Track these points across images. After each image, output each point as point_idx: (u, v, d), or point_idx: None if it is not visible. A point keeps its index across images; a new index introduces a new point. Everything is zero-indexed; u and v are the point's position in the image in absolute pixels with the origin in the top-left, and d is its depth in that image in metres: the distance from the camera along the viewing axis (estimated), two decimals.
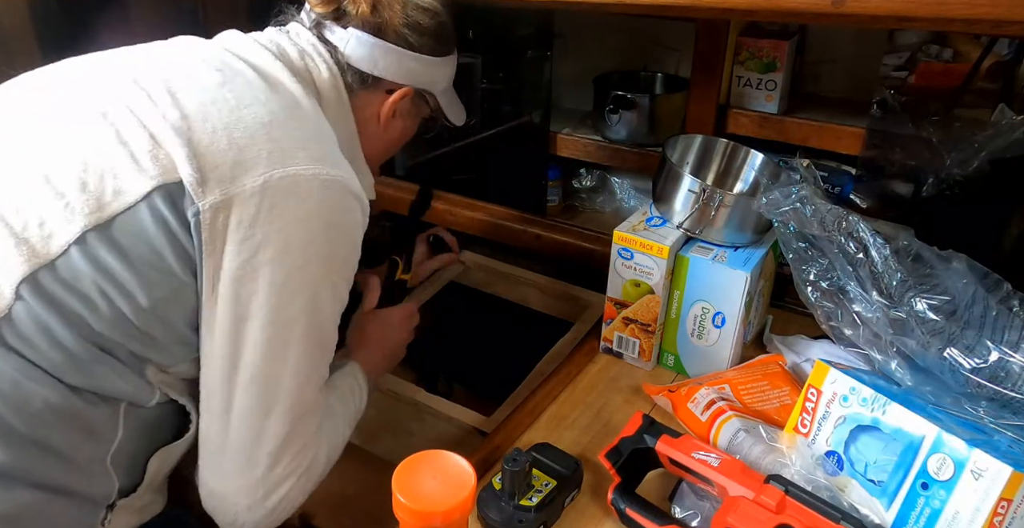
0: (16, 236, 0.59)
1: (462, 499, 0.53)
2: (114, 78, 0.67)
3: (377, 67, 0.77)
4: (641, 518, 0.71)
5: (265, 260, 0.63)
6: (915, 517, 0.65)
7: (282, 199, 0.63)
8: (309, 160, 0.65)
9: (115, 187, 0.60)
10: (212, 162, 0.61)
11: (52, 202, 0.59)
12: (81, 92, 0.66)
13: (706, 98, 1.07)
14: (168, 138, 0.61)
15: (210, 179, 0.61)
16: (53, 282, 0.59)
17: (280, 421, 0.67)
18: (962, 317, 0.77)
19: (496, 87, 1.23)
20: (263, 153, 0.63)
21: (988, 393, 0.73)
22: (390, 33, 0.77)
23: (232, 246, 0.62)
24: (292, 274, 0.64)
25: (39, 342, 0.59)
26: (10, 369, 0.58)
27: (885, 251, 0.78)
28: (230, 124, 0.63)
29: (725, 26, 1.01)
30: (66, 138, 0.63)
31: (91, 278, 0.59)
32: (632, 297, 0.94)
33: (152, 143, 0.61)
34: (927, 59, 0.97)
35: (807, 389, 0.75)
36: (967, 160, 0.90)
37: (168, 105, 0.63)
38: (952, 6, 0.58)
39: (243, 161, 0.62)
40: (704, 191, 0.88)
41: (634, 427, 0.76)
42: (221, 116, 0.63)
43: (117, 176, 0.60)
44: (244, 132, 0.63)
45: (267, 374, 0.65)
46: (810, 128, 1.02)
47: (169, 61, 0.69)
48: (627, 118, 1.13)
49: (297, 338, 0.66)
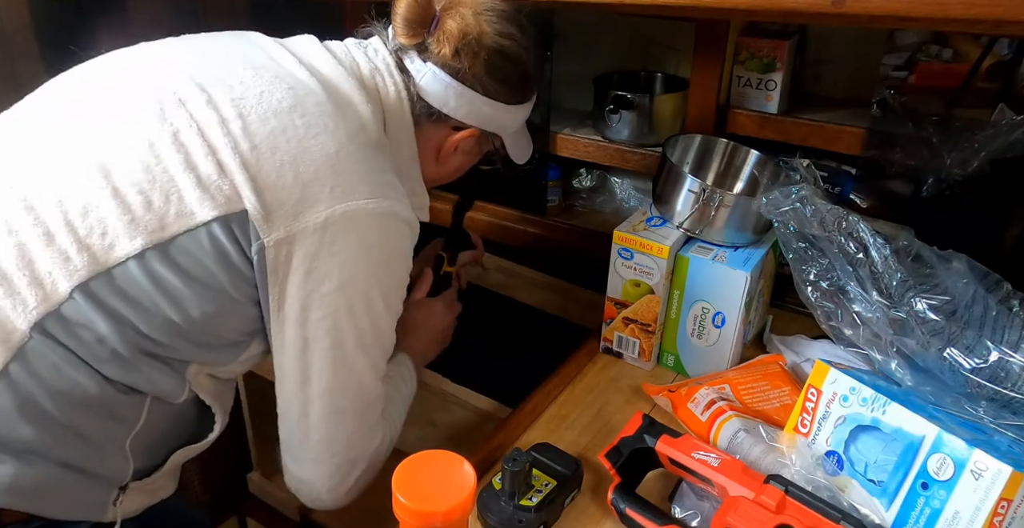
0: (80, 241, 0.61)
1: (462, 499, 0.53)
2: (183, 83, 0.66)
3: (447, 106, 0.78)
4: (641, 518, 0.71)
5: (329, 290, 0.67)
6: (915, 517, 0.65)
7: (343, 234, 0.65)
8: (369, 194, 0.67)
9: (179, 210, 0.62)
10: (278, 198, 0.63)
11: (118, 215, 0.61)
12: (148, 92, 0.66)
13: (706, 98, 1.07)
14: (235, 170, 0.63)
15: (275, 215, 0.63)
16: (107, 289, 0.61)
17: (351, 418, 0.74)
18: (962, 317, 0.77)
19: None
20: (326, 188, 0.65)
21: (988, 393, 0.73)
22: (467, 77, 0.77)
23: (296, 278, 0.65)
24: (355, 301, 0.68)
25: (87, 338, 0.61)
26: (54, 356, 0.61)
27: (885, 251, 0.78)
28: (297, 157, 0.64)
29: (725, 26, 1.01)
30: (135, 146, 0.63)
31: (145, 289, 0.62)
32: (632, 297, 0.94)
33: (219, 172, 0.63)
34: (927, 59, 0.97)
35: (807, 389, 0.75)
36: (967, 160, 0.90)
37: (239, 133, 0.64)
38: (952, 6, 0.58)
39: (307, 198, 0.64)
40: (704, 191, 0.88)
41: (634, 427, 0.76)
42: (290, 147, 0.64)
43: (182, 199, 0.62)
44: (310, 166, 0.64)
45: (337, 384, 0.71)
46: (810, 128, 1.02)
47: (242, 72, 0.68)
48: (627, 118, 1.13)
49: (362, 351, 0.72)
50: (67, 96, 0.70)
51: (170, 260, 0.62)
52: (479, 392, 1.05)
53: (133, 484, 0.69)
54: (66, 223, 0.61)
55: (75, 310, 0.60)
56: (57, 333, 0.60)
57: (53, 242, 0.60)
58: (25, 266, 0.60)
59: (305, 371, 0.70)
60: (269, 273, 0.65)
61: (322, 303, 0.67)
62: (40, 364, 0.60)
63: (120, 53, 0.73)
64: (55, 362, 0.61)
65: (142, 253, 0.61)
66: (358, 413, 0.75)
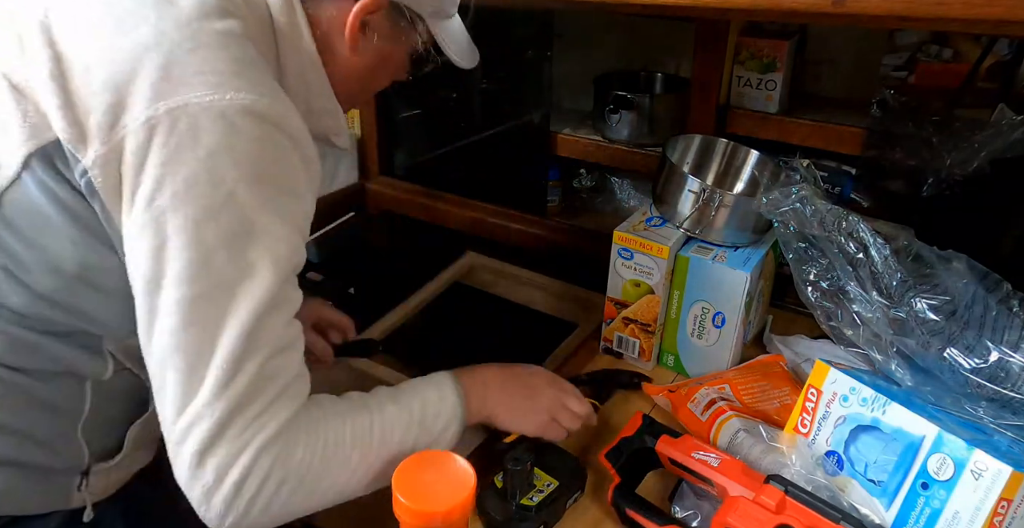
0: None
1: (462, 499, 0.53)
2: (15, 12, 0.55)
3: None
4: (641, 518, 0.71)
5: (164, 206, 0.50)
6: (915, 517, 0.65)
7: (174, 134, 0.50)
8: (205, 85, 0.51)
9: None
10: (87, 109, 0.50)
11: None
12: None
13: (706, 98, 1.07)
14: (38, 88, 0.51)
15: (88, 130, 0.50)
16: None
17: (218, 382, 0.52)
18: (962, 317, 0.77)
19: (496, 87, 1.23)
20: (146, 84, 0.50)
21: (988, 393, 0.73)
22: None
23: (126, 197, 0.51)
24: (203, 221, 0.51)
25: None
26: None
27: (885, 251, 0.78)
28: (106, 58, 0.51)
29: (725, 26, 1.02)
30: None
31: None
32: (632, 297, 0.94)
33: (19, 99, 0.52)
34: (927, 59, 0.97)
35: (807, 389, 0.75)
36: (967, 160, 0.91)
37: (40, 45, 0.52)
38: (951, 6, 0.58)
39: (122, 101, 0.50)
40: (704, 191, 0.88)
41: (634, 427, 0.76)
42: (99, 47, 0.51)
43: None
44: (123, 65, 0.51)
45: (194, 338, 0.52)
46: (810, 128, 1.02)
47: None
48: (627, 118, 1.14)
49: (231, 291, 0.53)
50: None
51: (5, 221, 0.53)
52: None
53: (97, 466, 0.64)
54: None
55: None
56: None
57: None
58: None
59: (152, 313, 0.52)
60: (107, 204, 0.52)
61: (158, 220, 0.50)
62: None
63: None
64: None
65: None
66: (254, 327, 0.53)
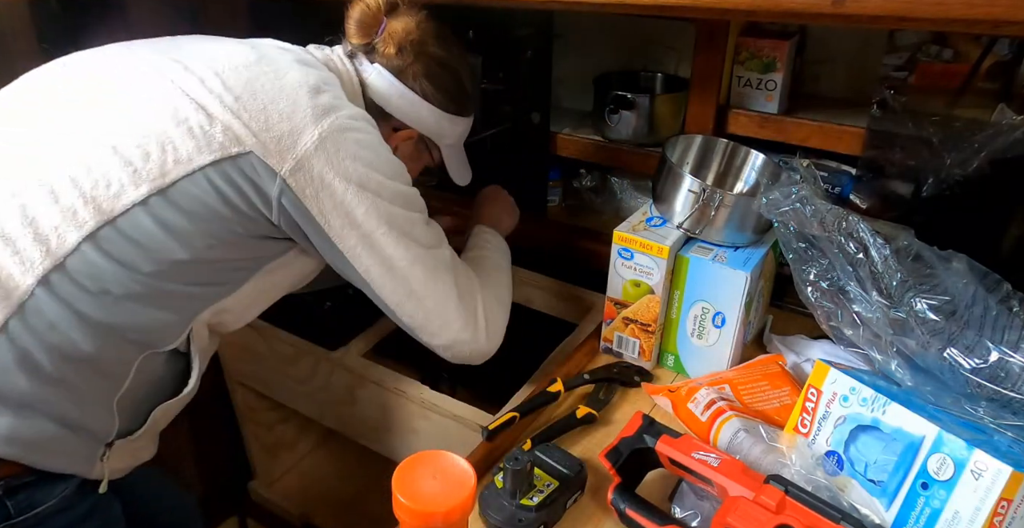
0: (85, 195, 0.65)
1: (462, 499, 0.53)
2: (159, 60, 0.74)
3: (390, 104, 0.87)
4: (641, 518, 0.71)
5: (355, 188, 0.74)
6: (915, 517, 0.65)
7: (336, 143, 0.73)
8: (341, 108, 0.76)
9: (175, 158, 0.68)
10: (273, 136, 0.71)
11: (121, 167, 0.67)
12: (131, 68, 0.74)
13: (706, 98, 1.07)
14: (229, 120, 0.70)
15: (278, 150, 0.71)
16: (115, 236, 0.66)
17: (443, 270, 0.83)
18: (962, 317, 0.77)
19: (496, 87, 1.23)
20: (306, 115, 0.73)
21: (988, 393, 0.73)
22: (409, 78, 0.87)
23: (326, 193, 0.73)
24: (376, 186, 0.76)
25: (92, 289, 0.65)
26: (52, 314, 0.64)
27: (885, 251, 0.78)
28: (275, 97, 0.72)
29: (725, 26, 1.01)
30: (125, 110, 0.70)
31: (151, 232, 0.67)
32: (632, 297, 0.94)
33: (209, 122, 0.70)
34: (927, 59, 0.97)
35: (807, 389, 0.75)
36: (967, 160, 0.91)
37: (220, 88, 0.71)
38: (951, 6, 0.58)
39: (295, 127, 0.72)
40: (704, 191, 0.88)
41: (634, 427, 0.76)
42: (266, 90, 0.73)
43: (177, 149, 0.68)
44: (288, 100, 0.72)
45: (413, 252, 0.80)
46: (810, 128, 1.02)
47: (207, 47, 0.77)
48: (627, 118, 1.13)
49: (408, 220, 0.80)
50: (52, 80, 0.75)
51: (173, 203, 0.68)
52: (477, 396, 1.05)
53: (118, 442, 0.73)
54: (71, 180, 0.65)
55: (81, 261, 0.64)
56: (61, 287, 0.64)
57: (59, 200, 0.65)
58: (28, 224, 0.64)
59: (385, 261, 0.78)
60: (303, 200, 0.72)
61: (358, 199, 0.75)
62: (38, 321, 0.63)
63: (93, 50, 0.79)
64: (52, 320, 0.64)
65: (146, 199, 0.67)
66: (445, 263, 0.84)
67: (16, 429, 0.63)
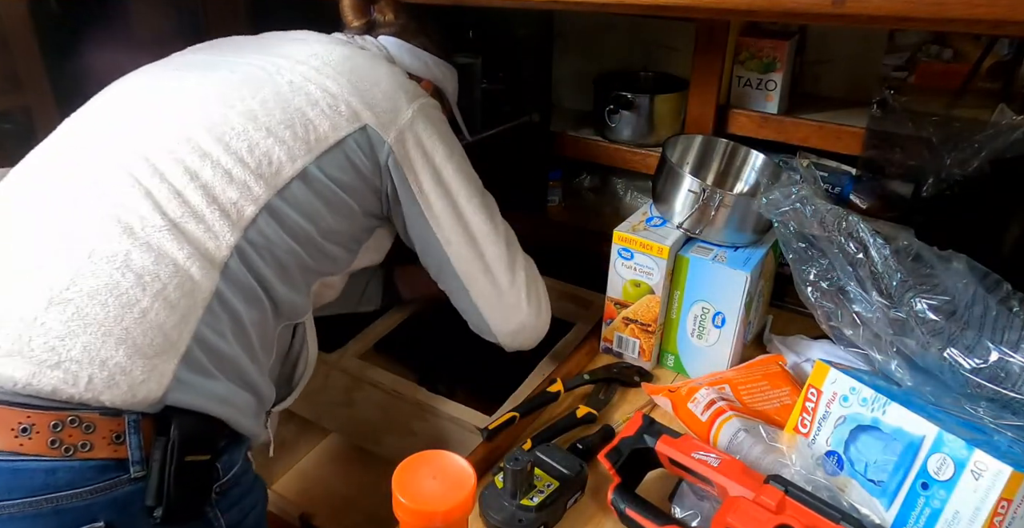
0: (253, 172, 0.72)
1: (462, 499, 0.53)
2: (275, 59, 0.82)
3: (404, 62, 0.93)
4: (641, 518, 0.71)
5: (443, 155, 0.84)
6: (915, 517, 0.65)
7: (424, 120, 0.83)
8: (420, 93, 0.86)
9: (317, 135, 0.76)
10: (381, 110, 0.80)
11: (276, 145, 0.74)
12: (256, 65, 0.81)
13: (706, 98, 1.07)
14: (349, 98, 0.79)
15: (384, 122, 0.80)
16: (284, 205, 0.73)
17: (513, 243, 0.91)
18: (962, 317, 0.77)
19: (496, 87, 1.23)
20: (402, 95, 0.83)
21: (988, 393, 0.73)
22: (411, 35, 0.94)
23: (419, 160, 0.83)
24: (456, 154, 0.86)
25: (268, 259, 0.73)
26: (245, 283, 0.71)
27: (885, 251, 0.78)
28: (376, 81, 0.82)
29: (725, 26, 1.01)
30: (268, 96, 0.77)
31: (308, 200, 0.75)
32: (632, 297, 0.94)
33: (335, 103, 0.78)
34: (927, 59, 0.97)
35: (807, 389, 0.75)
36: (967, 160, 0.90)
37: (334, 74, 0.80)
38: (951, 6, 0.58)
39: (395, 106, 0.82)
40: (704, 191, 0.88)
41: (634, 427, 0.76)
42: (367, 75, 0.82)
43: (317, 128, 0.76)
44: (385, 84, 0.82)
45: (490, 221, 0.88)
46: (810, 128, 1.02)
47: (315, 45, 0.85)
48: (627, 118, 1.13)
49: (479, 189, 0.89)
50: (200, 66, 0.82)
51: (323, 172, 0.76)
52: (475, 396, 1.05)
53: (273, 409, 0.80)
54: (239, 160, 0.72)
55: (258, 233, 0.71)
56: (249, 256, 0.71)
57: (233, 179, 0.71)
58: (213, 201, 0.69)
59: (467, 229, 0.86)
60: (403, 165, 0.82)
61: (446, 165, 0.84)
62: (237, 291, 0.70)
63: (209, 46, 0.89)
64: (246, 289, 0.71)
65: (303, 171, 0.75)
66: (513, 238, 0.92)
67: (229, 392, 0.68)
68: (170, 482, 0.61)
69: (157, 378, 0.62)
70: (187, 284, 0.65)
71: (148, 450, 0.62)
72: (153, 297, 0.63)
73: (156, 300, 0.63)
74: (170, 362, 0.63)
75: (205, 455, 0.65)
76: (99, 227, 0.65)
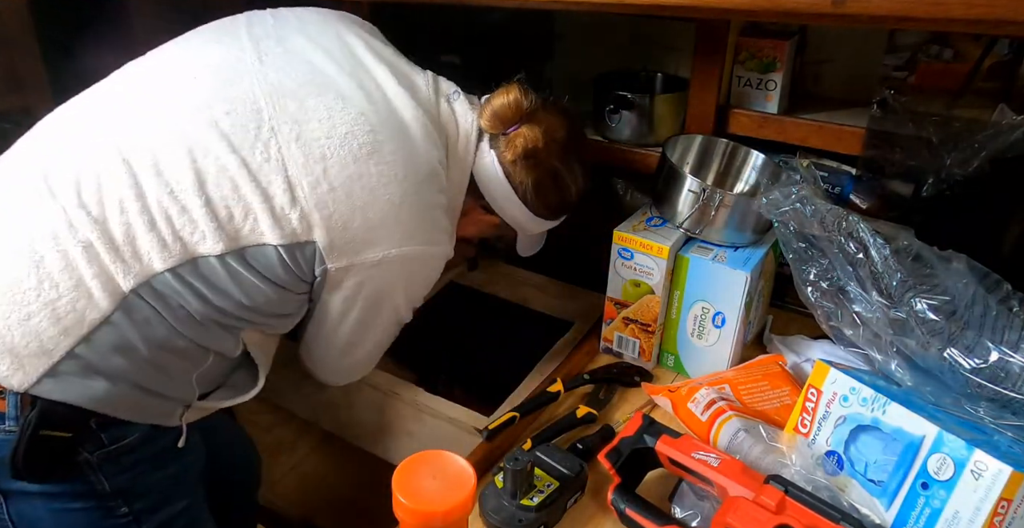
0: (175, 233, 0.70)
1: (462, 499, 0.53)
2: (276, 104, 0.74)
3: (487, 191, 0.89)
4: (641, 518, 0.71)
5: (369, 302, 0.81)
6: (915, 517, 0.65)
7: (392, 269, 0.78)
8: (422, 240, 0.79)
9: (252, 228, 0.72)
10: (345, 238, 0.74)
11: (207, 220, 0.70)
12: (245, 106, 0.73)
13: (706, 98, 1.07)
14: (311, 209, 0.72)
15: (340, 249, 0.74)
16: (193, 273, 0.71)
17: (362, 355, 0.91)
18: (962, 317, 0.77)
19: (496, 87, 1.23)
20: (388, 234, 0.75)
21: (988, 393, 0.73)
22: (516, 179, 0.88)
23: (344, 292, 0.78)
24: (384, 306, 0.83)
25: (172, 305, 0.71)
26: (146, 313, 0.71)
27: (885, 251, 0.78)
28: (368, 203, 0.74)
29: (725, 26, 1.01)
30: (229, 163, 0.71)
31: (223, 278, 0.72)
32: (632, 297, 0.94)
33: (291, 205, 0.72)
34: (927, 59, 0.97)
35: (807, 389, 0.75)
36: (967, 160, 0.90)
37: (320, 175, 0.72)
38: (951, 6, 0.58)
39: (371, 239, 0.75)
40: (704, 191, 0.88)
41: (634, 427, 0.76)
42: (363, 194, 0.74)
43: (257, 222, 0.72)
44: (378, 213, 0.74)
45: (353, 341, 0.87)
46: (810, 128, 1.02)
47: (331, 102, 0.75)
48: (627, 118, 1.13)
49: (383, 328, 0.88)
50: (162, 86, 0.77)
51: (244, 262, 0.73)
52: (473, 396, 1.04)
53: (196, 403, 0.80)
54: (166, 217, 0.70)
55: (165, 284, 0.70)
56: (149, 298, 0.70)
57: (154, 229, 0.70)
58: (130, 242, 0.69)
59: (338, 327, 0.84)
60: (326, 284, 0.77)
61: (361, 307, 0.81)
62: (137, 316, 0.70)
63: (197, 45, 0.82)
64: (147, 316, 0.71)
65: (222, 254, 0.71)
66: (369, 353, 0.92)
67: (109, 393, 0.70)
68: (22, 447, 0.67)
69: (21, 377, 0.67)
70: (81, 302, 0.68)
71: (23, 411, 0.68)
72: (43, 306, 0.67)
73: (44, 309, 0.67)
74: (39, 366, 0.67)
75: (66, 433, 0.70)
76: (33, 226, 0.69)
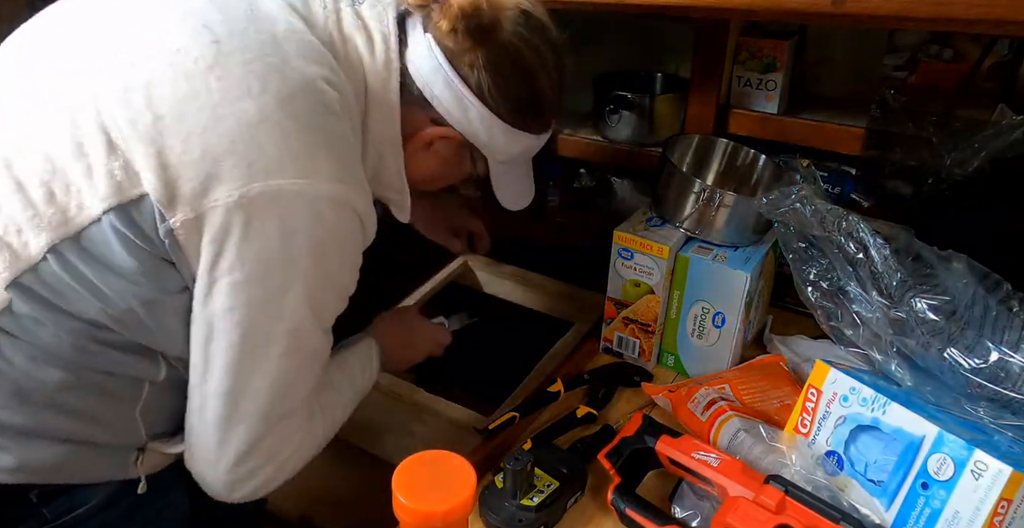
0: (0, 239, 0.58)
1: (462, 499, 0.53)
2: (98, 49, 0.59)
3: (431, 90, 0.67)
4: (641, 518, 0.71)
5: (238, 280, 0.58)
6: (915, 517, 0.65)
7: (260, 218, 0.57)
8: (297, 173, 0.57)
9: (78, 202, 0.57)
10: (183, 174, 0.55)
11: (24, 210, 0.57)
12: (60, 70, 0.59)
13: (706, 98, 1.07)
14: (132, 147, 0.55)
15: (180, 193, 0.55)
16: (37, 284, 0.58)
17: (249, 428, 0.64)
18: (962, 317, 0.77)
19: None
20: (243, 163, 0.55)
21: (988, 393, 0.73)
22: (463, 66, 0.67)
23: (205, 261, 0.58)
24: (271, 297, 0.60)
25: (41, 333, 0.59)
26: (21, 353, 0.59)
27: (885, 251, 0.78)
28: (208, 126, 0.55)
29: (725, 26, 1.01)
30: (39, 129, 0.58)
31: (69, 283, 0.58)
32: (632, 297, 0.94)
33: (109, 154, 0.56)
34: (927, 59, 0.97)
35: (807, 389, 0.75)
36: (967, 160, 0.90)
37: (141, 104, 0.56)
38: (951, 6, 0.59)
39: (218, 173, 0.55)
40: (704, 191, 0.88)
41: (634, 427, 0.76)
42: (200, 115, 0.55)
43: (80, 191, 0.56)
44: (223, 137, 0.55)
45: (235, 388, 0.62)
46: (810, 128, 1.02)
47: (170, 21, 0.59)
48: (627, 118, 1.13)
49: (276, 355, 0.62)
50: None
51: (84, 252, 0.57)
52: (473, 396, 1.04)
53: (153, 444, 0.67)
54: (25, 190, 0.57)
55: (20, 308, 0.58)
56: (15, 331, 0.58)
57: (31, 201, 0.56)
58: None
59: (206, 363, 0.62)
60: (188, 258, 0.58)
61: (229, 292, 0.58)
62: (12, 356, 0.58)
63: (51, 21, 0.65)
64: (25, 354, 0.59)
65: (54, 248, 0.56)
66: (260, 425, 0.64)
67: (21, 458, 0.59)
68: None
69: None
70: None
71: None
72: None
73: None
74: None
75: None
76: None
